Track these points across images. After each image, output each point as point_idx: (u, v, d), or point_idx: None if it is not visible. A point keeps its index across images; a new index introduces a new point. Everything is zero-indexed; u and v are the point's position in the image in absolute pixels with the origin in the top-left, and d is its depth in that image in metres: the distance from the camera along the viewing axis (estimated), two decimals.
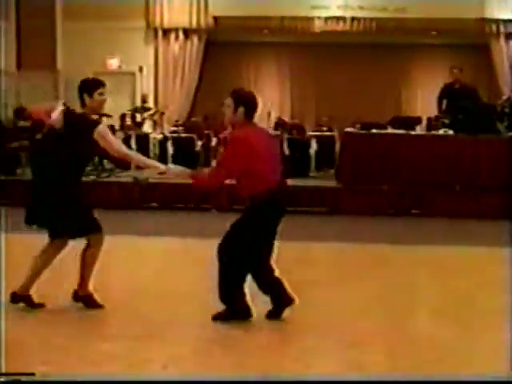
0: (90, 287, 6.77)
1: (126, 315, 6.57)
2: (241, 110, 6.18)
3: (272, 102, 22.61)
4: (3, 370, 4.34)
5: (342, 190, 13.22)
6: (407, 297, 7.47)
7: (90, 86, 6.68)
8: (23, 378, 4.26)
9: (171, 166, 6.87)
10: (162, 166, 6.64)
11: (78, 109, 6.85)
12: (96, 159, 15.02)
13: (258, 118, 20.06)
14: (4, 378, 4.25)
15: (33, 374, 4.31)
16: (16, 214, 12.26)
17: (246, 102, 6.25)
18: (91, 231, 6.64)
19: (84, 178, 11.03)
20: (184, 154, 14.97)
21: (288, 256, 9.38)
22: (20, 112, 15.97)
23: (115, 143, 6.64)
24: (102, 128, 6.50)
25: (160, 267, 8.88)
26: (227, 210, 12.92)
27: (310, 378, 5.03)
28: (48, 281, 7.72)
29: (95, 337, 5.95)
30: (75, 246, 6.82)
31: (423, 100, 21.57)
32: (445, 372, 5.12)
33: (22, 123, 15.79)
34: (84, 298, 6.71)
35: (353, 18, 19.26)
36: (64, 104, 6.89)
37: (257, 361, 5.45)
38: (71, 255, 6.91)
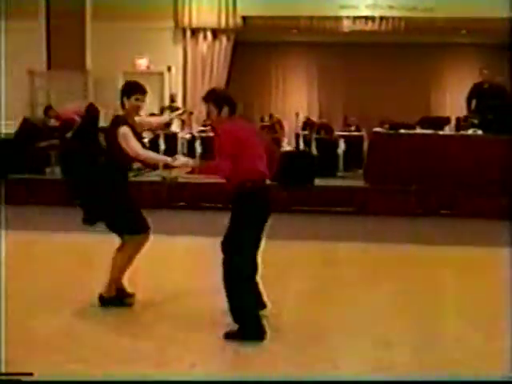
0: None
1: (154, 314, 6.60)
2: (225, 109, 6.20)
3: (300, 102, 22.65)
4: (3, 370, 4.35)
5: (370, 190, 13.18)
6: (434, 297, 7.43)
7: (129, 90, 6.71)
8: (23, 378, 4.26)
9: (179, 156, 6.85)
10: (168, 158, 6.65)
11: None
12: None
13: (287, 117, 20.16)
14: (4, 378, 4.26)
15: (31, 374, 4.31)
16: (45, 213, 12.45)
17: (228, 101, 6.26)
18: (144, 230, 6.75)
19: None
20: (212, 153, 14.93)
21: (315, 256, 9.42)
22: (48, 110, 16.07)
23: (134, 146, 6.64)
24: (123, 130, 6.52)
25: (188, 266, 8.91)
26: None
27: (338, 378, 5.02)
28: (80, 279, 7.81)
29: (124, 335, 5.97)
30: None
31: (452, 100, 21.48)
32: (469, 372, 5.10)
33: (52, 122, 15.89)
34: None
35: (381, 18, 19.16)
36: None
37: (284, 361, 5.45)
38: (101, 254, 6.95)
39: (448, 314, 6.78)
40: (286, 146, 16.61)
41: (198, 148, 15.25)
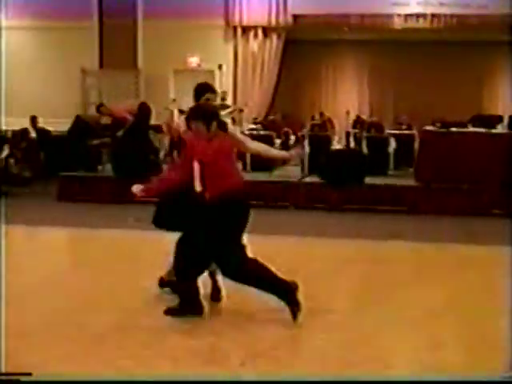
0: None
1: (206, 311, 6.60)
2: (214, 124, 6.23)
3: (350, 101, 22.57)
4: (3, 370, 4.37)
5: (420, 189, 13.06)
6: (486, 297, 7.33)
7: (201, 91, 6.83)
8: (22, 379, 4.27)
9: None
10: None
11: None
12: (176, 156, 15.16)
13: (337, 115, 20.09)
14: (4, 378, 4.27)
15: (30, 374, 4.33)
16: (97, 209, 12.58)
17: (214, 116, 6.33)
18: None
19: None
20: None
21: (366, 254, 9.36)
22: (100, 107, 16.21)
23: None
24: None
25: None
26: (305, 207, 12.94)
27: (390, 378, 4.97)
28: (130, 275, 7.86)
29: (175, 332, 5.99)
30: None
31: (504, 98, 21.24)
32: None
33: (104, 120, 16.03)
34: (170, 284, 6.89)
35: (433, 15, 18.98)
36: None
37: (335, 360, 5.42)
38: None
39: (501, 315, 6.68)
40: (337, 145, 16.52)
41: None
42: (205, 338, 5.83)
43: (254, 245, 6.73)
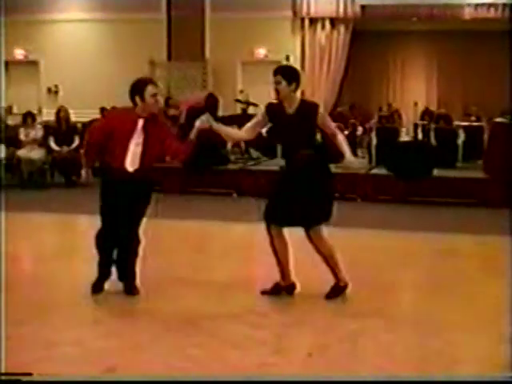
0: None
1: (272, 302, 6.62)
2: None
3: (418, 92, 22.36)
4: (3, 370, 4.42)
5: (490, 182, 12.88)
6: None
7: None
8: (22, 378, 4.30)
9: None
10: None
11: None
12: (243, 147, 15.23)
13: (405, 107, 19.93)
14: (4, 378, 4.31)
15: (31, 374, 4.36)
16: (166, 200, 12.70)
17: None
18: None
19: (232, 166, 11.28)
20: (329, 143, 14.88)
21: (433, 247, 9.28)
22: (168, 100, 16.34)
23: None
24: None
25: (302, 255, 8.88)
26: (373, 199, 12.87)
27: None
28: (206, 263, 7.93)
29: (243, 323, 6.02)
30: None
31: None
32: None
33: (171, 111, 16.18)
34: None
35: (504, 5, 18.68)
36: None
37: (402, 354, 5.40)
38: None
39: None
40: (404, 136, 16.40)
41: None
42: (272, 329, 5.86)
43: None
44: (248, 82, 18.87)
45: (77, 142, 15.00)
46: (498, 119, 14.40)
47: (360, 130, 17.35)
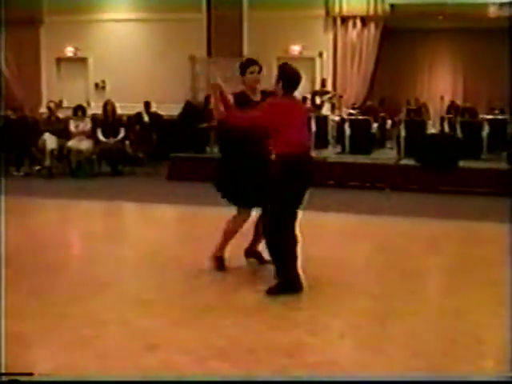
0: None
1: (304, 286, 6.61)
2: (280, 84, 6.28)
3: (445, 87, 22.20)
4: (3, 370, 4.43)
5: None
6: None
7: (244, 65, 7.02)
8: (22, 379, 4.30)
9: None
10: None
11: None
12: None
13: (432, 101, 19.79)
14: (4, 378, 4.31)
15: (30, 374, 4.36)
16: (204, 188, 12.70)
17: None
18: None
19: None
20: (360, 135, 14.86)
21: (459, 235, 9.22)
22: (208, 99, 16.33)
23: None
24: None
25: (336, 240, 8.88)
26: (401, 189, 12.79)
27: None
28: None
29: (277, 303, 6.01)
30: None
31: None
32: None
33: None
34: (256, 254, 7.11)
35: None
36: None
37: (429, 334, 5.36)
38: None
39: None
40: (431, 129, 16.26)
41: (347, 130, 15.13)
42: (305, 310, 5.86)
43: (350, 223, 6.74)
44: None
45: (122, 133, 15.12)
46: None
47: (389, 122, 17.24)
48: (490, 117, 16.16)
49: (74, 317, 5.54)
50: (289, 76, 6.38)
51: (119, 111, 15.90)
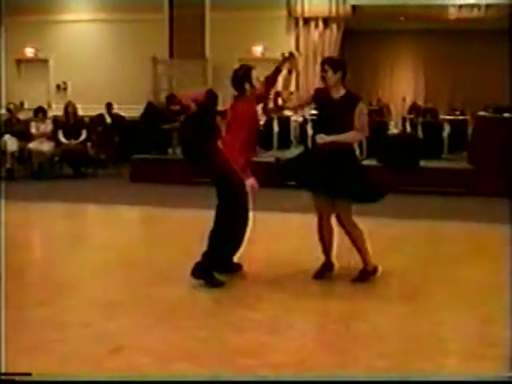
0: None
1: (267, 286, 6.63)
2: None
3: (407, 88, 22.40)
4: (3, 370, 4.43)
5: (474, 172, 12.88)
6: None
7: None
8: (22, 379, 4.30)
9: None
10: None
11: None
12: None
13: (394, 102, 19.93)
14: (4, 378, 4.30)
15: (30, 374, 4.37)
16: (167, 190, 12.70)
17: None
18: None
19: None
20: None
21: (421, 234, 9.30)
22: (171, 98, 16.32)
23: None
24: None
25: (297, 241, 8.91)
26: None
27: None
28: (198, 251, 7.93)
29: (240, 304, 6.04)
30: None
31: None
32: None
33: (173, 106, 16.15)
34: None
35: (487, 5, 18.66)
36: None
37: (393, 334, 5.41)
38: None
39: None
40: (393, 129, 16.41)
41: (310, 130, 15.19)
42: (269, 311, 5.88)
43: (312, 224, 6.77)
44: None
45: (84, 135, 15.04)
46: (481, 113, 14.42)
47: None
48: (450, 117, 16.34)
49: (37, 320, 5.50)
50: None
51: (81, 113, 15.81)
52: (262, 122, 13.18)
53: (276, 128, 15.21)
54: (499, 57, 20.56)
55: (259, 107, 7.78)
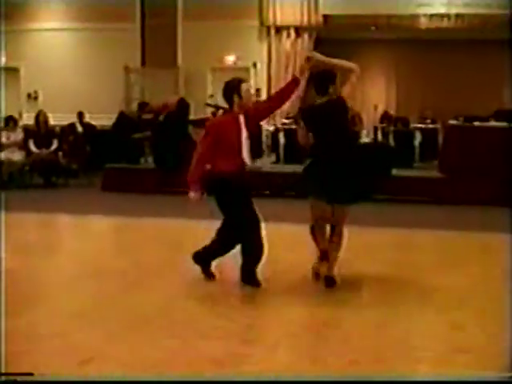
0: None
1: (241, 296, 6.62)
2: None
3: (378, 96, 22.49)
4: (3, 370, 4.40)
5: (445, 181, 12.97)
6: (508, 284, 7.28)
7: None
8: (22, 379, 4.27)
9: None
10: None
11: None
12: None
13: (366, 111, 20.02)
14: (4, 378, 4.27)
15: (30, 374, 4.34)
16: (139, 199, 12.64)
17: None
18: None
19: None
20: (295, 144, 14.91)
21: (392, 242, 9.33)
22: (143, 106, 16.31)
23: None
24: None
25: (273, 250, 8.88)
26: None
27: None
28: (171, 260, 7.89)
29: (214, 314, 6.02)
30: None
31: None
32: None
33: (145, 116, 16.13)
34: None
35: (457, 15, 18.83)
36: None
37: (364, 342, 5.41)
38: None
39: None
40: (365, 138, 16.47)
41: (282, 139, 15.23)
42: (241, 320, 5.86)
43: (287, 233, 6.78)
44: (217, 87, 18.76)
45: (55, 144, 14.97)
46: (452, 122, 14.53)
47: None
48: (421, 126, 16.44)
49: (5, 332, 5.43)
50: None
51: (52, 122, 15.72)
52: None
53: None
54: (469, 66, 20.77)
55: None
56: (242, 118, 6.84)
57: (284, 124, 16.66)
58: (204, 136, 6.81)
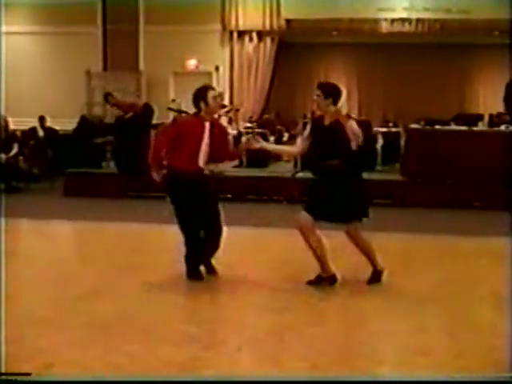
0: None
1: (202, 300, 6.61)
2: None
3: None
4: (2, 370, 4.36)
5: (406, 184, 13.07)
6: (470, 285, 7.35)
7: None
8: (21, 379, 4.23)
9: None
10: None
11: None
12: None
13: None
14: (3, 378, 4.24)
15: (29, 374, 4.31)
16: (101, 204, 12.56)
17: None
18: None
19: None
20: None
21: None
22: (107, 96, 16.12)
23: None
24: None
25: (234, 254, 8.89)
26: (298, 201, 12.91)
27: (385, 378, 4.83)
28: (133, 265, 7.85)
29: (176, 320, 6.00)
30: None
31: (485, 98, 21.28)
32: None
33: (107, 118, 16.03)
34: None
35: (418, 20, 19.02)
36: None
37: (328, 345, 5.42)
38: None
39: (484, 302, 6.67)
40: None
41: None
42: (203, 325, 5.84)
43: (248, 236, 6.77)
44: (180, 91, 18.79)
45: (16, 149, 14.80)
46: (414, 125, 14.64)
47: (286, 135, 17.44)
48: (384, 130, 16.55)
49: None
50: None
51: (12, 126, 15.57)
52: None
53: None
54: (431, 70, 21.00)
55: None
56: (207, 125, 6.96)
57: (247, 128, 16.70)
58: (167, 127, 7.02)
